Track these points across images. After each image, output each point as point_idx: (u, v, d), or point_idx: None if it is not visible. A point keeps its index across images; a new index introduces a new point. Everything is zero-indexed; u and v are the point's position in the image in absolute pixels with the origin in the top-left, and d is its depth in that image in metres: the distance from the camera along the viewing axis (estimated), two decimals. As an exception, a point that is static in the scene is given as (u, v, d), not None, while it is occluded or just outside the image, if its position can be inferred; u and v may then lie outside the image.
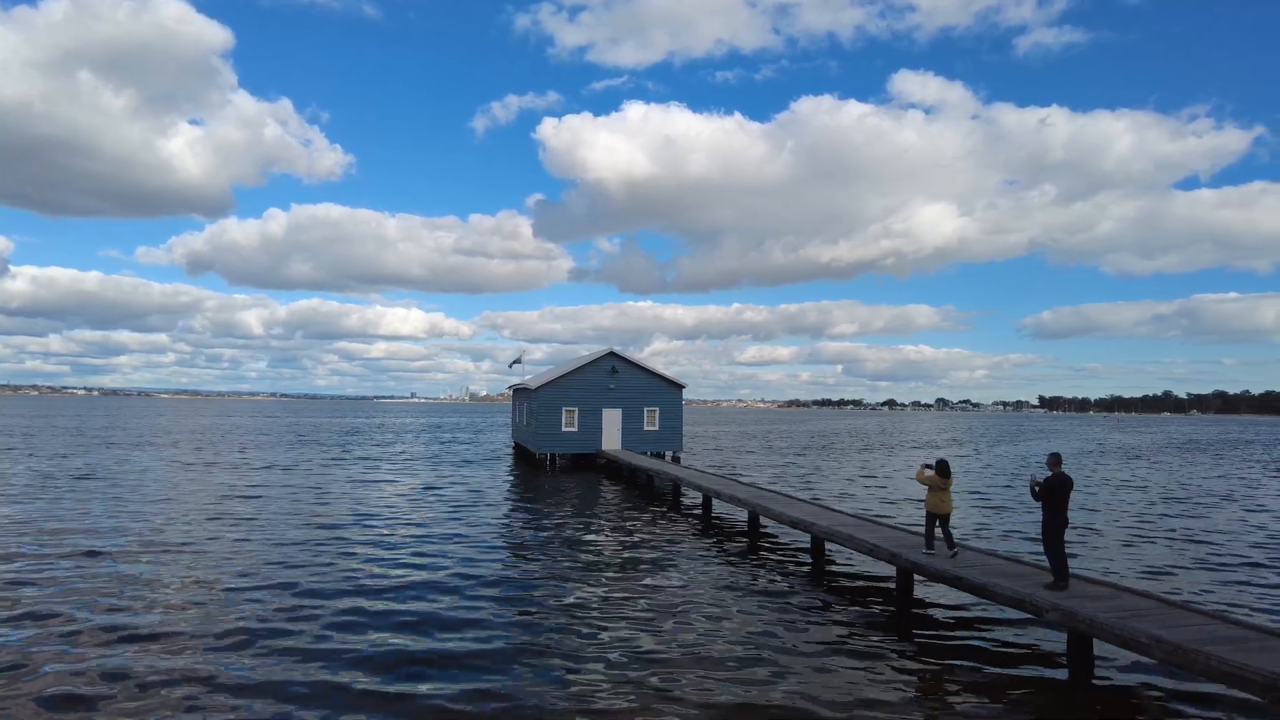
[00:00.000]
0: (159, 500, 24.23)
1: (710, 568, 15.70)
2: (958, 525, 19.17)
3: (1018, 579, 11.18)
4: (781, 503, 19.55)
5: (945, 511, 12.99)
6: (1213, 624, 9.12)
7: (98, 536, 17.89)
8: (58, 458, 38.91)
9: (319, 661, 9.87)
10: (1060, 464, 10.68)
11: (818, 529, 16.02)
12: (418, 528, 19.89)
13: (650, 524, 21.02)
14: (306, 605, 12.38)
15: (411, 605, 12.52)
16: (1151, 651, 8.56)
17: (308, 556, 16.06)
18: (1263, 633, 8.84)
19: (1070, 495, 10.67)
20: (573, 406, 37.62)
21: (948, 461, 12.97)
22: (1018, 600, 10.49)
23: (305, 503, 24.19)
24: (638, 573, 15.10)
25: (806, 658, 10.27)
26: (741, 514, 21.67)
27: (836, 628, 11.66)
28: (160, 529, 19.09)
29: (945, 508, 12.97)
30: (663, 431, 39.15)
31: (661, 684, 9.25)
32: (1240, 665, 7.64)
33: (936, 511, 13.00)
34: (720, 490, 21.85)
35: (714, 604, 12.89)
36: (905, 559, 12.97)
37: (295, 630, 11.11)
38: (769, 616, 12.17)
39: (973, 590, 11.42)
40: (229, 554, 16.27)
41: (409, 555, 16.43)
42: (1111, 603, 9.94)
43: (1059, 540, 10.58)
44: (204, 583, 13.80)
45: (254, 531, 18.87)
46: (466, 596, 13.17)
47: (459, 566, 15.42)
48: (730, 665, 9.93)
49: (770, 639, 11.03)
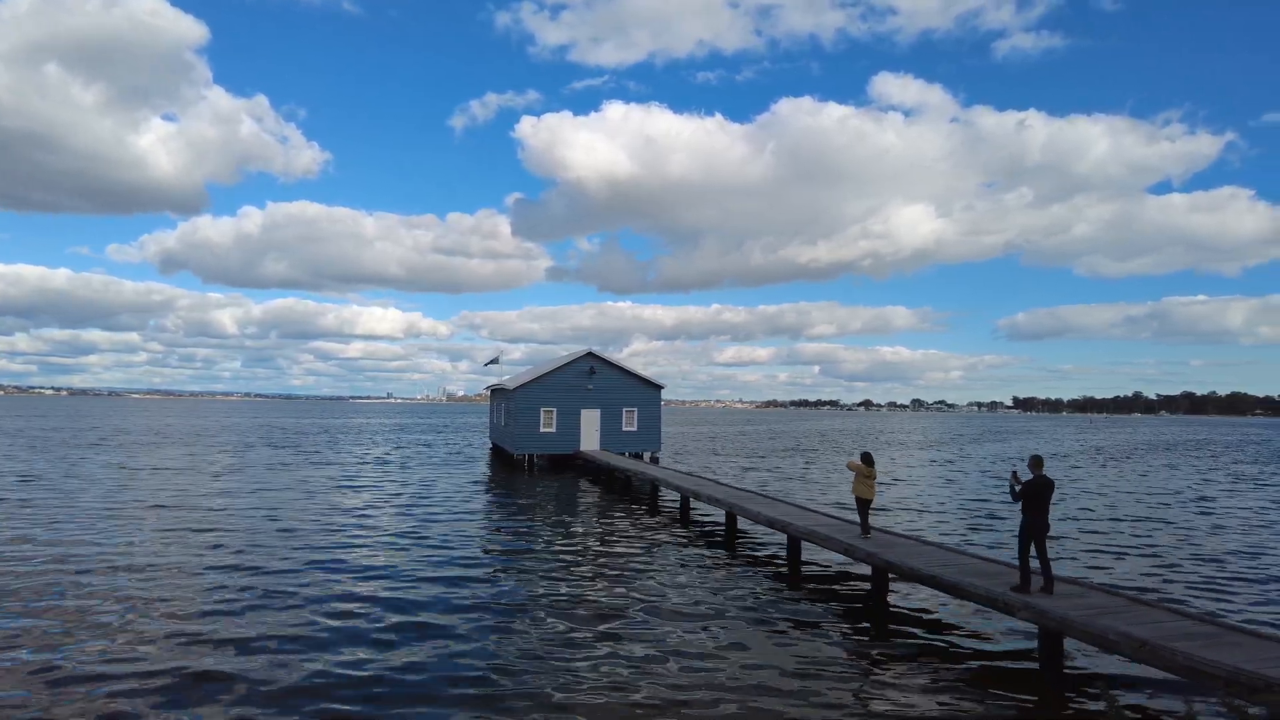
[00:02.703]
0: (97, 510, 23.78)
1: (687, 567, 15.73)
2: (955, 527, 19.35)
3: (991, 578, 11.33)
4: (758, 503, 19.64)
5: (869, 497, 14.66)
6: (1178, 620, 9.32)
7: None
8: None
9: (294, 666, 9.77)
10: (1042, 466, 10.67)
11: (794, 529, 16.12)
12: (390, 531, 19.69)
13: (628, 524, 21.02)
14: (274, 605, 12.24)
15: (381, 609, 12.42)
16: (1120, 648, 8.72)
17: (273, 561, 15.85)
18: (1225, 628, 9.05)
19: (1050, 499, 10.60)
20: (551, 407, 37.53)
21: (871, 454, 14.61)
22: (991, 599, 10.63)
23: (272, 507, 23.85)
24: (614, 573, 15.09)
25: (782, 656, 10.33)
26: (719, 514, 21.74)
27: (812, 627, 11.74)
28: (95, 543, 18.73)
29: (869, 494, 14.63)
30: (641, 432, 39.17)
31: (637, 685, 9.26)
32: (1205, 660, 7.81)
33: (862, 497, 14.65)
34: (698, 490, 21.91)
35: (690, 603, 12.92)
36: (881, 559, 13.10)
37: (271, 630, 10.98)
38: (745, 615, 12.22)
39: (947, 589, 11.56)
40: (180, 569, 16.00)
41: (380, 558, 16.27)
42: (1081, 601, 10.11)
43: (1039, 543, 10.48)
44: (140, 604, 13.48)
45: (218, 540, 18.58)
46: (440, 600, 13.07)
47: (430, 569, 15.30)
48: (705, 665, 9.96)
49: (745, 638, 11.08)
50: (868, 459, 14.67)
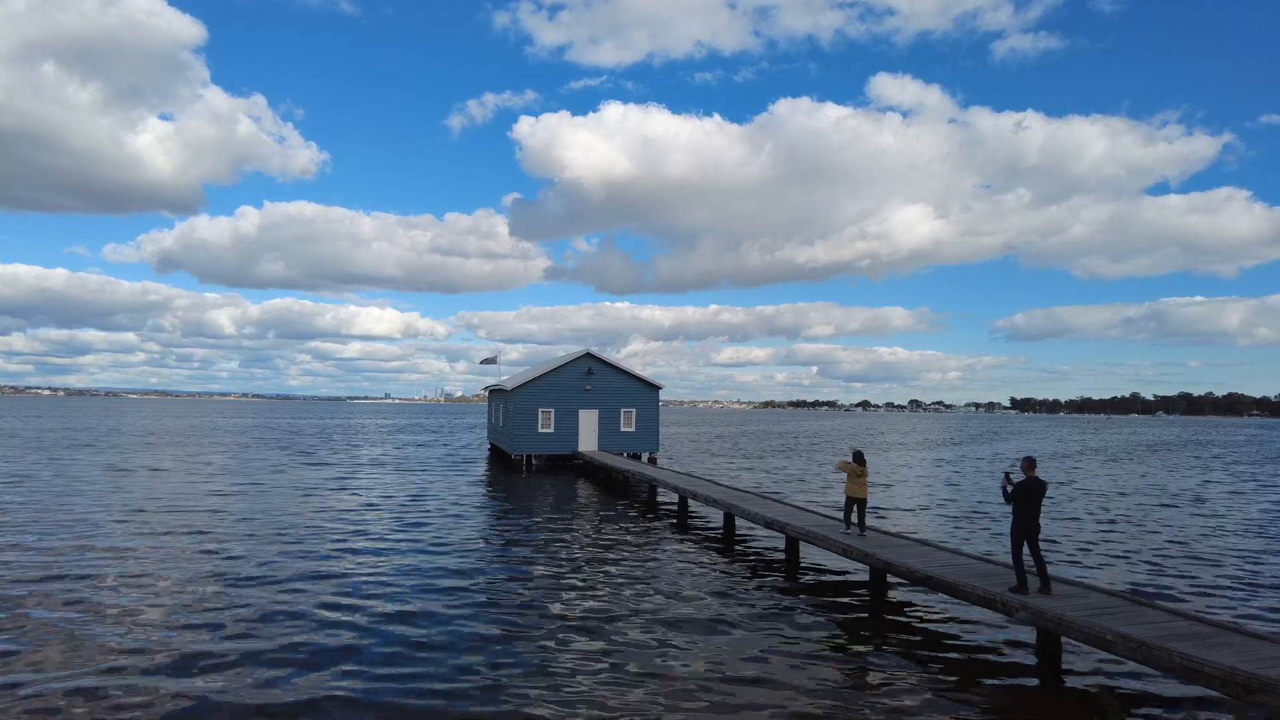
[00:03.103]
0: (86, 510, 23.74)
1: (685, 568, 15.74)
2: (953, 528, 19.38)
3: (989, 579, 11.35)
4: (756, 503, 19.65)
5: (861, 496, 14.71)
6: (1175, 620, 9.34)
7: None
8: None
9: (297, 667, 9.76)
10: (1034, 467, 10.69)
11: (792, 529, 16.13)
12: (385, 533, 19.69)
13: (626, 525, 21.02)
14: (281, 607, 12.23)
15: (381, 606, 12.41)
16: (1117, 648, 8.74)
17: (275, 562, 15.84)
18: (1222, 628, 9.08)
19: (1043, 500, 10.59)
20: (549, 407, 37.52)
21: (863, 452, 14.46)
22: (988, 600, 10.65)
23: (271, 508, 23.84)
24: (612, 574, 15.09)
25: (781, 656, 10.34)
26: (717, 514, 21.75)
27: (810, 626, 11.75)
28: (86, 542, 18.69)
29: (861, 493, 14.69)
30: (639, 432, 39.18)
31: (635, 686, 9.26)
32: (1202, 660, 7.84)
33: (854, 496, 14.72)
34: (696, 491, 21.91)
35: (688, 604, 12.92)
36: (879, 559, 13.12)
37: (267, 632, 10.97)
38: (744, 616, 12.23)
39: (945, 589, 11.58)
40: (182, 567, 15.98)
41: (375, 561, 16.26)
42: (1079, 601, 10.14)
43: (1032, 544, 10.48)
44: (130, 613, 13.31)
45: (214, 541, 18.55)
46: (435, 601, 13.07)
47: (430, 569, 15.30)
48: (704, 665, 9.97)
49: (744, 638, 11.08)
50: (859, 458, 14.77)
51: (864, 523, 14.88)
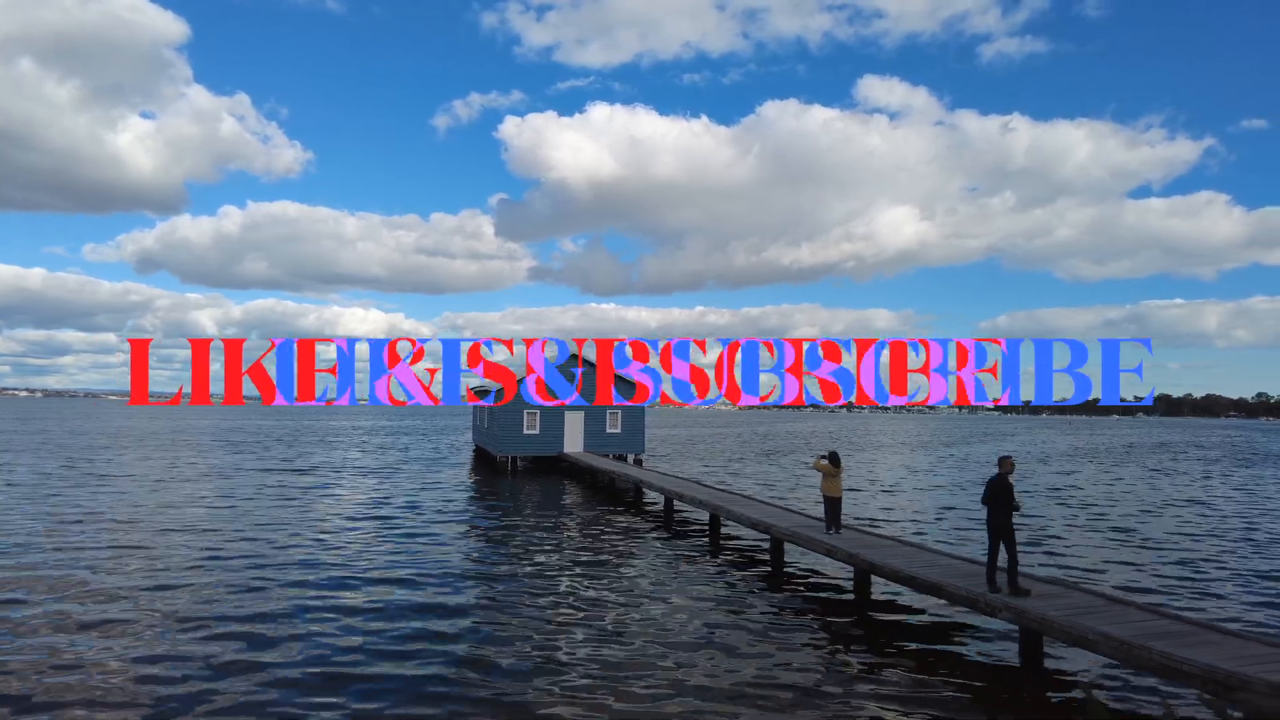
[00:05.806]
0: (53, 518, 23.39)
1: (671, 569, 15.72)
2: (935, 528, 19.46)
3: (972, 579, 11.41)
4: (742, 504, 19.67)
5: (836, 495, 15.02)
6: (1156, 620, 9.43)
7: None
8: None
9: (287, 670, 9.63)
10: (1007, 466, 10.69)
11: (778, 530, 16.15)
12: (372, 534, 19.54)
13: (612, 527, 20.97)
14: (259, 601, 12.08)
15: (359, 618, 12.29)
16: (1098, 647, 8.81)
17: (251, 561, 15.67)
18: (1202, 627, 9.18)
19: (1010, 499, 10.49)
20: (534, 409, 37.39)
21: (838, 453, 15.00)
22: (971, 600, 10.70)
23: (250, 512, 23.60)
24: (598, 576, 15.05)
25: (764, 657, 10.34)
26: (703, 515, 21.75)
27: (795, 627, 11.77)
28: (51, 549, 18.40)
29: (836, 492, 15.01)
30: (625, 434, 39.13)
31: (620, 688, 9.23)
32: (1182, 659, 7.91)
33: (829, 495, 15.01)
34: (682, 492, 21.90)
35: (673, 605, 12.90)
36: (863, 559, 13.16)
37: (258, 627, 10.83)
38: (728, 616, 12.23)
39: (928, 590, 11.63)
40: (140, 581, 15.77)
41: (362, 562, 16.14)
42: (1061, 601, 10.21)
43: (1007, 543, 10.51)
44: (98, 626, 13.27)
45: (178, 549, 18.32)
46: (418, 603, 12.99)
47: (413, 572, 15.20)
48: (688, 666, 9.95)
49: (729, 639, 11.08)
50: (834, 458, 15.04)
51: (839, 521, 15.20)
